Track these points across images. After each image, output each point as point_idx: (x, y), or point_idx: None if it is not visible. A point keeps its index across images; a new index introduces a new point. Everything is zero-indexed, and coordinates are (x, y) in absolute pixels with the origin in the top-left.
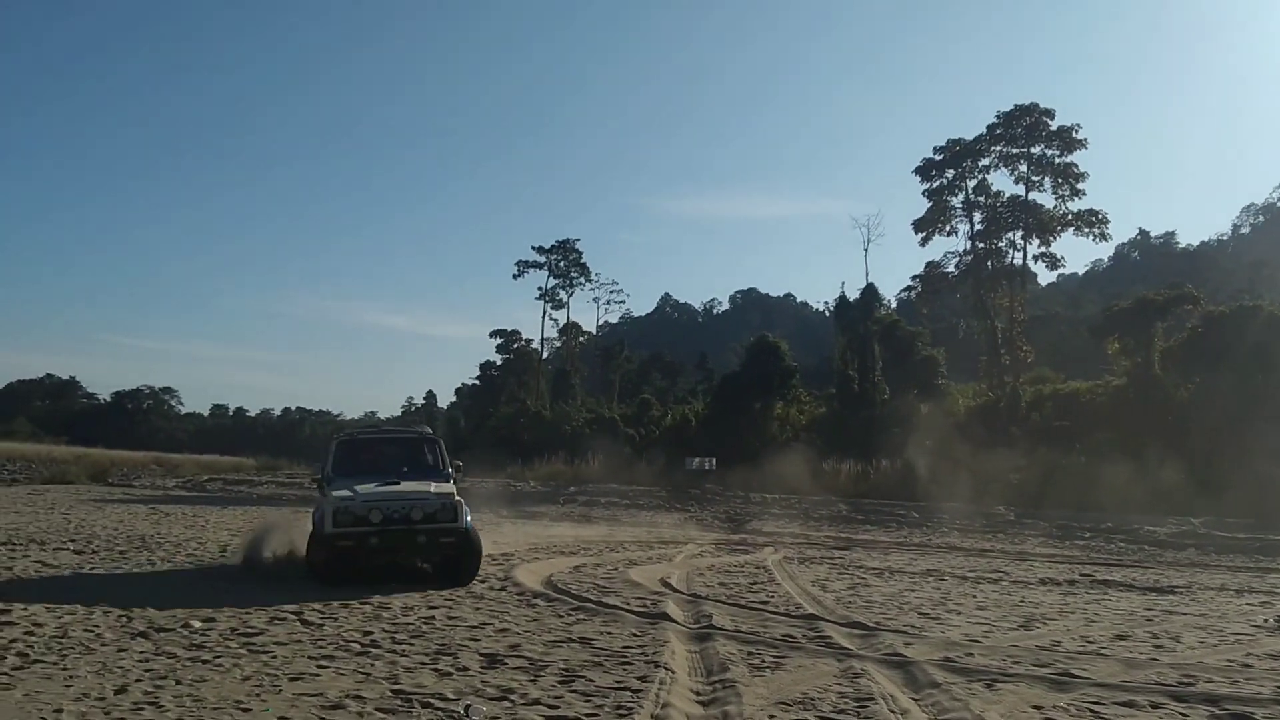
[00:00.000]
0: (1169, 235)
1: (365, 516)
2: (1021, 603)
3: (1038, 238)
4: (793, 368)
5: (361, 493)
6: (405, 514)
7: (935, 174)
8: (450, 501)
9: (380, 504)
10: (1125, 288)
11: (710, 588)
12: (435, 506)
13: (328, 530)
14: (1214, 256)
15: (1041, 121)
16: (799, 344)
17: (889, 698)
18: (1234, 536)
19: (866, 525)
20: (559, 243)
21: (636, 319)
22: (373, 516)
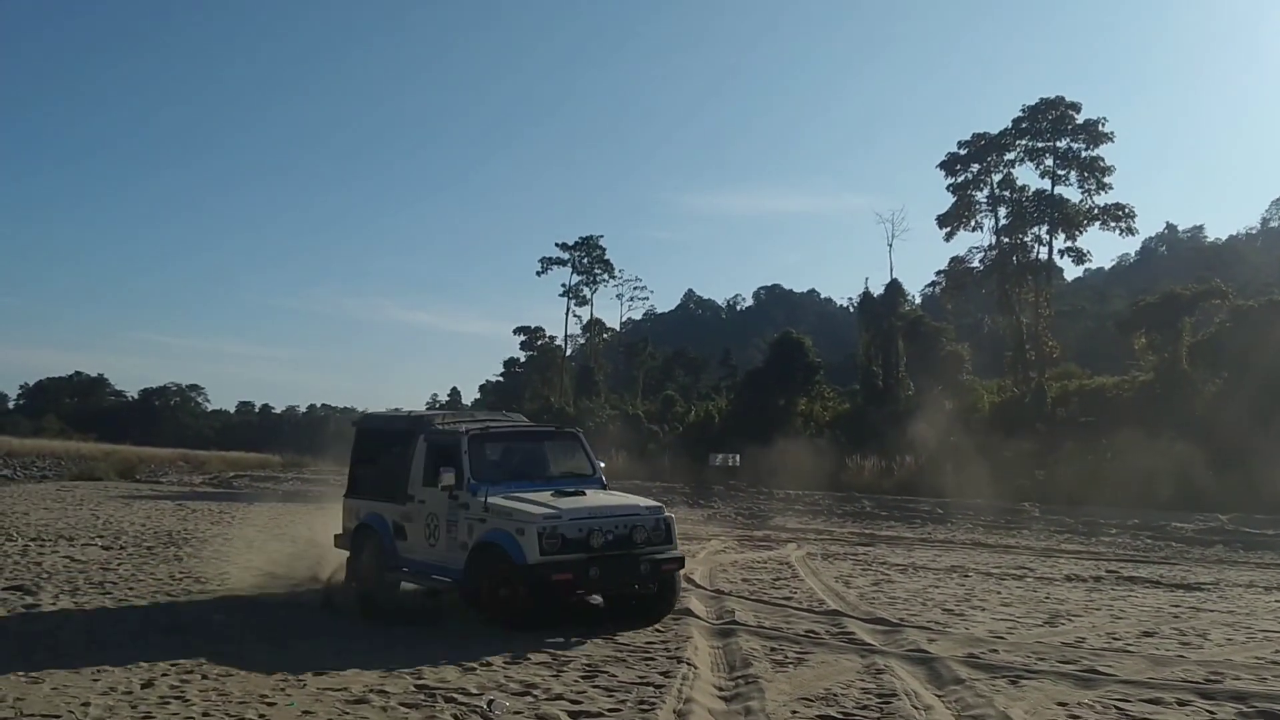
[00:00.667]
0: (1197, 229)
1: (584, 540)
2: (1046, 599)
3: (1063, 232)
4: (816, 364)
5: (565, 508)
6: (627, 535)
7: (960, 168)
8: (665, 518)
9: (597, 523)
10: (1152, 282)
11: (733, 584)
12: (651, 524)
13: (531, 559)
14: (1243, 250)
15: (1067, 115)
16: (823, 340)
17: (912, 694)
18: (1263, 533)
19: (890, 521)
20: (582, 239)
21: (660, 315)
22: (594, 540)
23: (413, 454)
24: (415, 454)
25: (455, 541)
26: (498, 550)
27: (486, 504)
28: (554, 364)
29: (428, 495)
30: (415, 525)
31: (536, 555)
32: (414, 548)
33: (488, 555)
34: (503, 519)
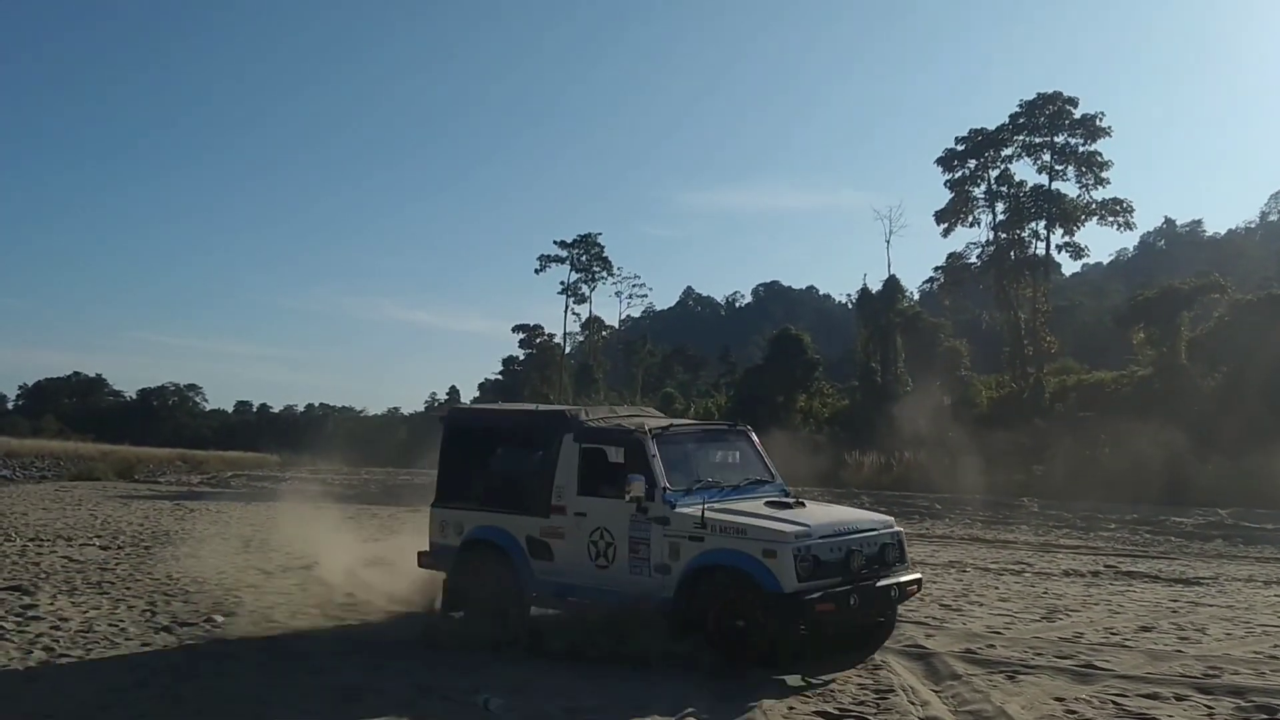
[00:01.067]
0: (1195, 223)
1: (841, 562)
2: (1044, 594)
3: (1061, 227)
4: (815, 360)
5: (813, 524)
6: (878, 554)
7: (957, 164)
8: (900, 533)
9: (851, 541)
10: (1151, 277)
11: None
12: (892, 542)
13: (788, 587)
14: (1242, 244)
15: (1065, 110)
16: (821, 336)
17: (909, 689)
18: (1262, 528)
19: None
20: (580, 237)
21: (659, 313)
22: (854, 562)
23: (556, 456)
24: (561, 456)
25: (646, 563)
26: (735, 575)
27: (704, 518)
28: (553, 362)
29: (590, 506)
30: (569, 543)
31: (794, 581)
32: (565, 569)
33: (717, 581)
34: (733, 537)
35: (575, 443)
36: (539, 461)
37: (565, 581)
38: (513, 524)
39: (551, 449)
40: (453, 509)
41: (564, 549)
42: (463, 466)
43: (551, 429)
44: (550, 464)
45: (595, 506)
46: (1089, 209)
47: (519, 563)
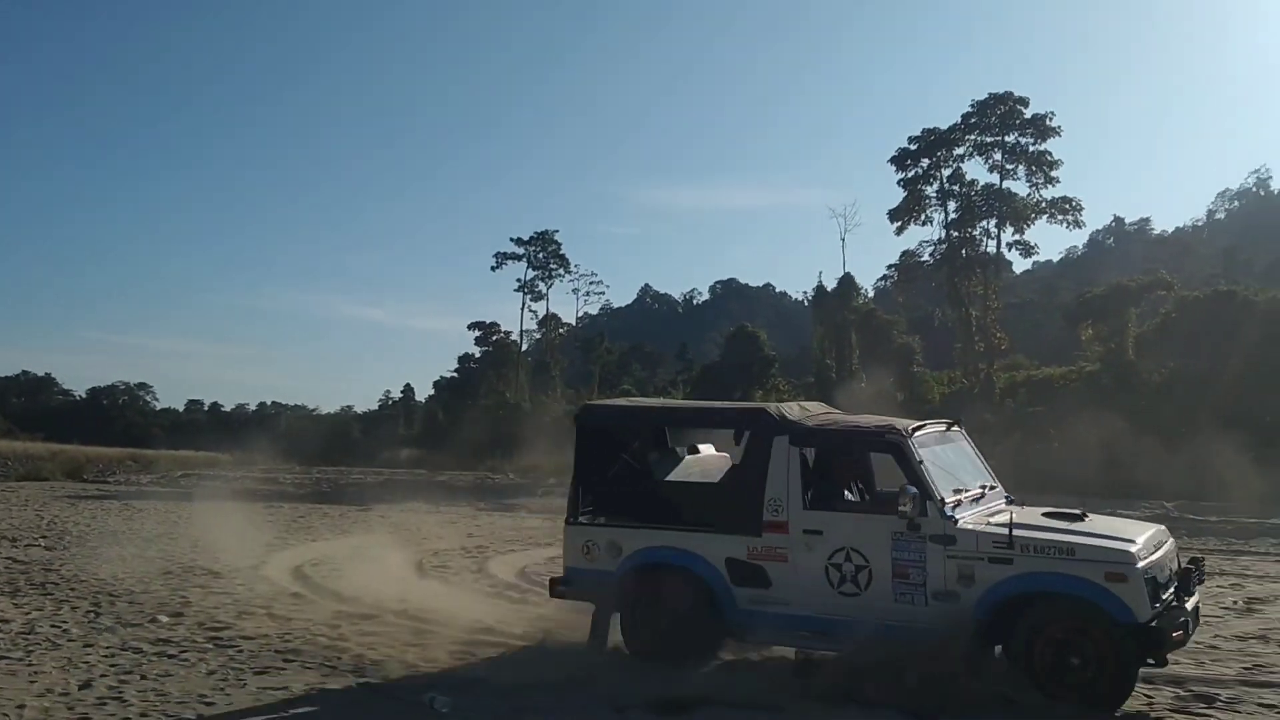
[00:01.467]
0: (1144, 221)
1: (1165, 584)
2: None
3: (1012, 226)
4: (772, 357)
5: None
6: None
7: (910, 163)
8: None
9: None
10: (1100, 274)
11: None
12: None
13: (1143, 616)
14: (1189, 242)
15: (1015, 110)
16: (778, 333)
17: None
18: (1206, 519)
19: None
20: (537, 234)
21: (616, 310)
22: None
23: (765, 463)
24: (773, 463)
25: (918, 589)
26: (1073, 605)
27: (1011, 537)
28: (509, 359)
29: (827, 523)
30: (796, 566)
31: (1147, 610)
32: (791, 598)
33: (1043, 612)
34: (1057, 559)
35: (793, 446)
36: (740, 469)
37: (791, 613)
38: (704, 544)
39: (756, 454)
40: (603, 526)
41: (788, 574)
42: (615, 475)
43: (755, 430)
44: (757, 472)
45: (835, 523)
46: (1039, 207)
47: (720, 593)
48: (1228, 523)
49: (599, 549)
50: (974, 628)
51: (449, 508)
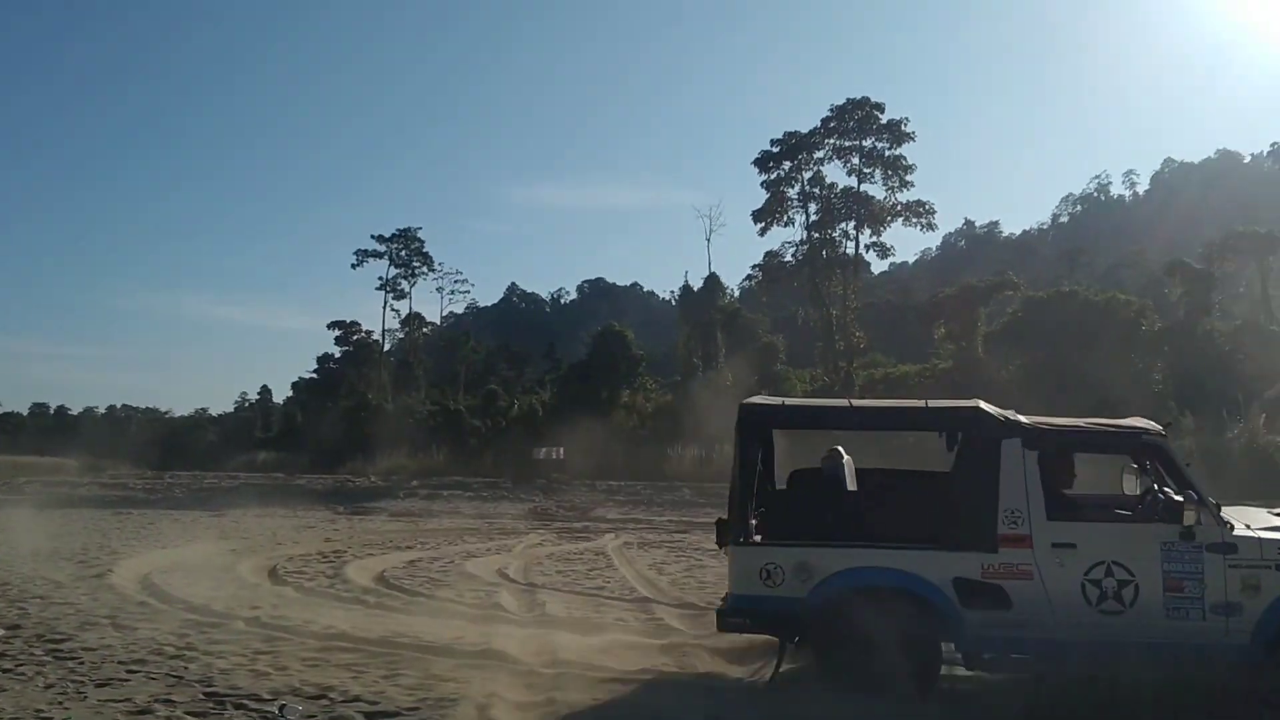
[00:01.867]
0: (993, 224)
1: None
2: None
3: (869, 228)
4: (639, 356)
5: None
6: None
7: (772, 166)
8: None
9: None
10: (953, 275)
11: (548, 576)
12: None
13: None
14: (1034, 245)
15: (872, 115)
16: (646, 333)
17: (718, 676)
18: None
19: (707, 508)
20: (400, 231)
21: (483, 309)
22: None
23: (995, 469)
24: (1004, 469)
25: (1195, 603)
26: None
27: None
28: (371, 360)
29: (1081, 535)
30: (1044, 584)
31: None
32: (1039, 619)
33: None
34: None
35: (1027, 450)
36: (964, 476)
37: (1037, 636)
38: (923, 562)
39: (979, 459)
40: (789, 546)
41: (1033, 593)
42: (799, 485)
43: (975, 432)
44: (988, 479)
45: (1091, 535)
46: (895, 210)
47: (946, 614)
48: None
49: (784, 573)
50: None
51: (306, 512)
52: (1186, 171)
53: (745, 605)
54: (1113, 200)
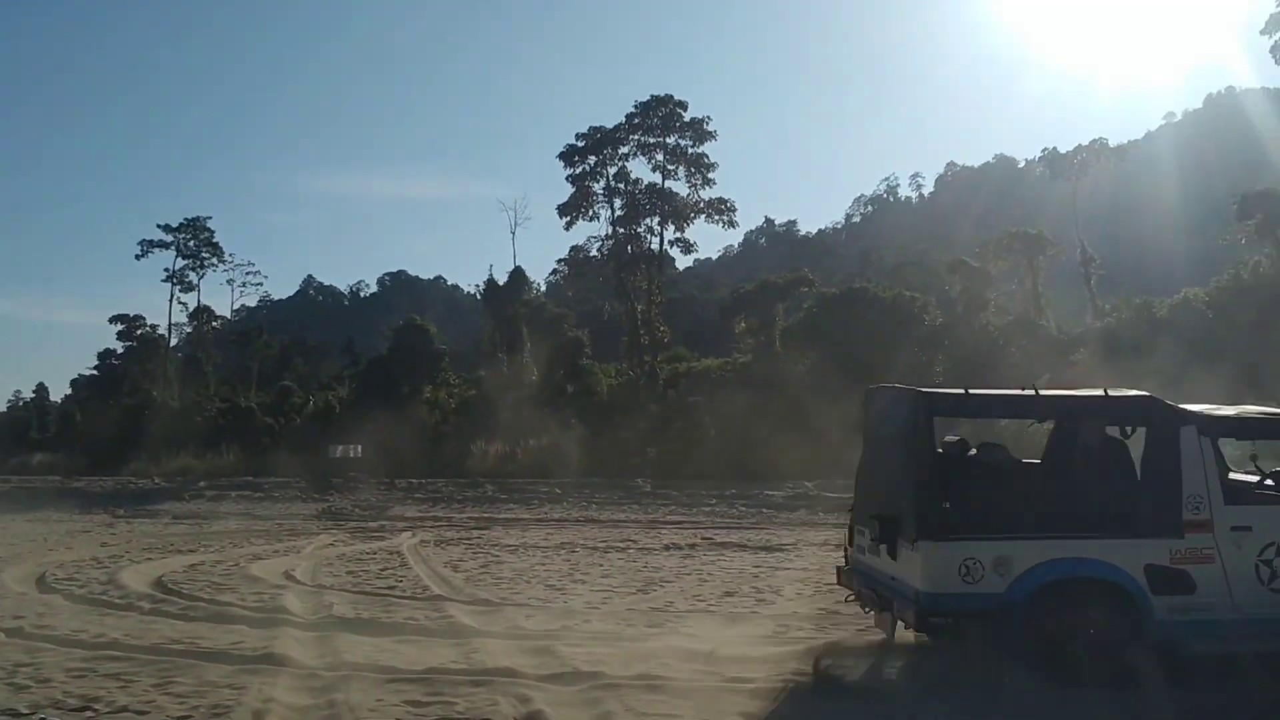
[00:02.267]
0: (791, 223)
1: None
2: (644, 568)
3: (673, 224)
4: (442, 350)
5: None
6: None
7: (578, 160)
8: None
9: None
10: (754, 272)
11: (337, 577)
12: None
13: None
14: (830, 243)
15: (676, 113)
16: (450, 327)
17: (505, 670)
18: (841, 497)
19: (510, 504)
20: (188, 220)
21: (277, 302)
22: None
23: (1177, 456)
24: (1184, 456)
25: None
26: None
27: None
28: (156, 355)
29: (1256, 517)
30: (1224, 567)
31: None
32: (1218, 602)
33: None
34: None
35: (1203, 437)
36: (1149, 465)
37: (1218, 618)
38: (1117, 551)
39: (1164, 447)
40: (981, 540)
41: (1215, 576)
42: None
43: (1154, 421)
44: (1171, 467)
45: (1266, 517)
46: (697, 207)
47: (1140, 602)
48: None
49: (984, 568)
50: None
51: (83, 516)
52: (968, 175)
53: (945, 604)
54: (900, 201)
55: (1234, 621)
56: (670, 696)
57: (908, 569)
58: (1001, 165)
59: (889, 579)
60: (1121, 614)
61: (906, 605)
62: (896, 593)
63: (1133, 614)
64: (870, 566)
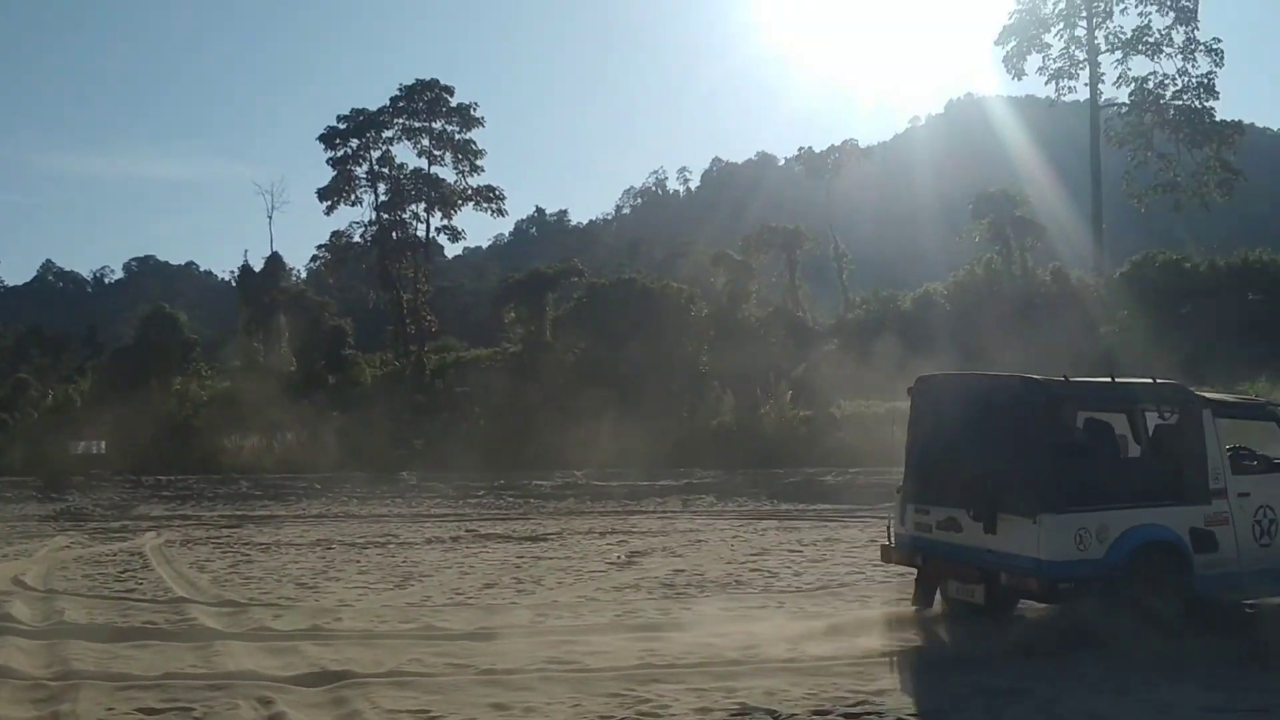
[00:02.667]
0: (562, 213)
1: None
2: (403, 563)
3: (440, 211)
4: (193, 340)
5: None
6: None
7: (339, 143)
8: None
9: None
10: (524, 261)
11: (71, 581)
12: None
13: None
14: (600, 234)
15: (442, 98)
16: (203, 315)
17: (252, 673)
18: (608, 485)
19: (265, 501)
20: None
21: (11, 289)
22: None
23: (1202, 435)
24: (1208, 435)
25: None
26: None
27: None
28: None
29: (1252, 485)
30: (1234, 528)
31: None
32: (1230, 557)
33: None
34: None
35: (1216, 419)
36: (1181, 442)
37: (1230, 571)
38: (1173, 517)
39: (1194, 426)
40: (1088, 512)
41: (1228, 535)
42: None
43: (1185, 405)
44: (1199, 443)
45: (1258, 485)
46: (465, 194)
47: (1188, 560)
48: (625, 486)
49: (1091, 537)
50: None
51: None
52: (732, 171)
53: (1065, 571)
54: (669, 194)
55: (1242, 574)
56: (421, 692)
57: (1016, 542)
58: (763, 162)
59: (983, 552)
60: (1179, 571)
61: (1025, 574)
62: (1002, 564)
63: (1186, 571)
64: (946, 542)
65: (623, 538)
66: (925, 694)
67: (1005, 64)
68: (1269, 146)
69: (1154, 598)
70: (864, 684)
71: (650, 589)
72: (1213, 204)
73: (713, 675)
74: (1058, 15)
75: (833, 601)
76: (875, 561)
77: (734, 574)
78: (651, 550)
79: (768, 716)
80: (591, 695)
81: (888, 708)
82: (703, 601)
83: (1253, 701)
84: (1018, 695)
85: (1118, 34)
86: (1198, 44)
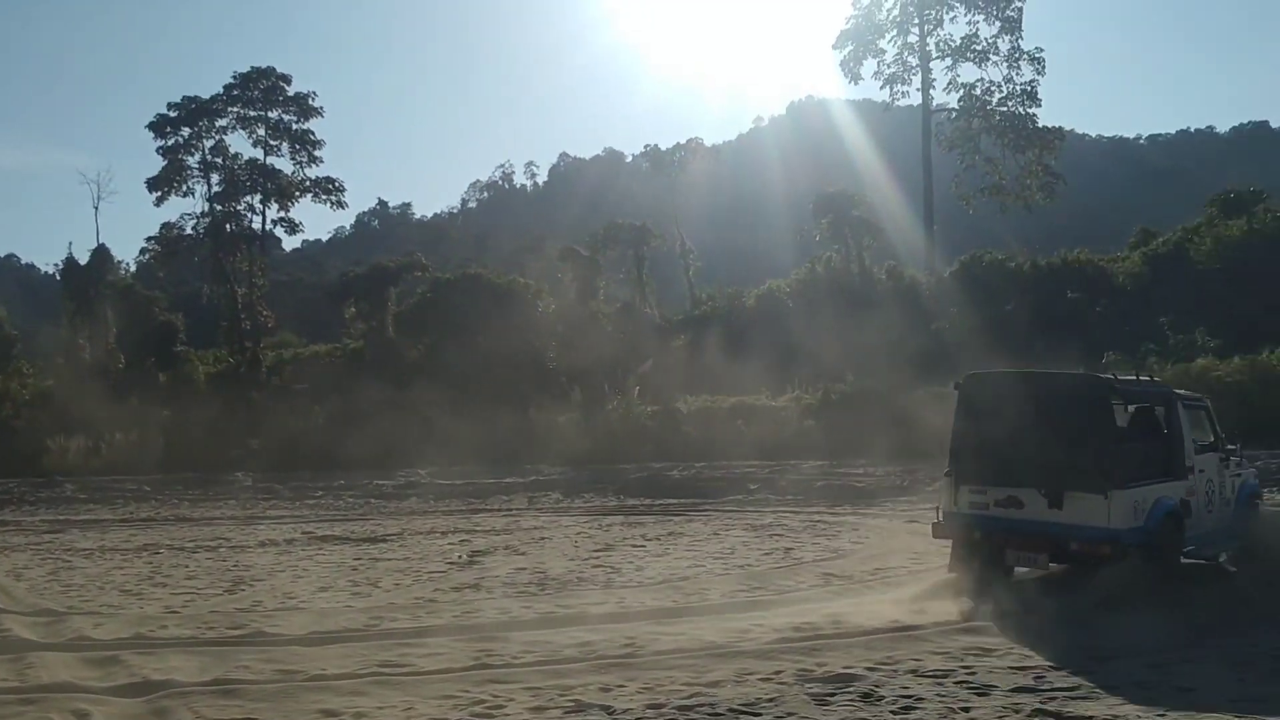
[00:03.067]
0: (406, 206)
1: None
2: (234, 568)
3: (277, 203)
4: (14, 336)
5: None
6: None
7: (170, 131)
8: None
9: None
10: (367, 255)
11: None
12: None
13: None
14: (445, 228)
15: (278, 86)
16: (24, 311)
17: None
18: (453, 484)
19: (91, 504)
20: None
21: None
22: None
23: (1180, 423)
24: (1183, 423)
25: (1229, 502)
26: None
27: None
28: None
29: (1204, 463)
30: (1199, 498)
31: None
32: (1196, 521)
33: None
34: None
35: (1184, 409)
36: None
37: (1199, 533)
38: (1176, 490)
39: (1174, 416)
40: (1139, 487)
41: (1197, 505)
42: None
43: (1168, 400)
44: (1180, 429)
45: (1206, 463)
46: (303, 185)
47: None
48: (469, 485)
49: (1140, 507)
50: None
51: None
52: (580, 166)
53: (1130, 538)
54: (516, 189)
55: (1203, 535)
56: (247, 700)
57: (1084, 514)
58: (610, 158)
59: (1050, 525)
60: (1179, 532)
61: (1098, 541)
62: (1072, 534)
63: (1182, 533)
64: (1006, 518)
65: (465, 537)
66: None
67: (842, 68)
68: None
69: (1171, 555)
70: (699, 676)
71: (490, 589)
72: (1035, 206)
73: (549, 674)
74: (891, 22)
75: (673, 595)
76: (715, 555)
77: (576, 571)
78: (494, 549)
79: (603, 713)
80: (425, 698)
81: (720, 699)
82: (543, 600)
83: None
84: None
85: (948, 41)
86: (1022, 53)
